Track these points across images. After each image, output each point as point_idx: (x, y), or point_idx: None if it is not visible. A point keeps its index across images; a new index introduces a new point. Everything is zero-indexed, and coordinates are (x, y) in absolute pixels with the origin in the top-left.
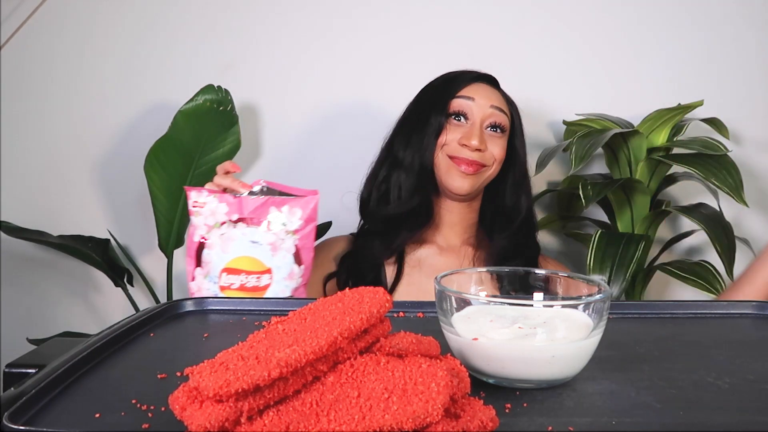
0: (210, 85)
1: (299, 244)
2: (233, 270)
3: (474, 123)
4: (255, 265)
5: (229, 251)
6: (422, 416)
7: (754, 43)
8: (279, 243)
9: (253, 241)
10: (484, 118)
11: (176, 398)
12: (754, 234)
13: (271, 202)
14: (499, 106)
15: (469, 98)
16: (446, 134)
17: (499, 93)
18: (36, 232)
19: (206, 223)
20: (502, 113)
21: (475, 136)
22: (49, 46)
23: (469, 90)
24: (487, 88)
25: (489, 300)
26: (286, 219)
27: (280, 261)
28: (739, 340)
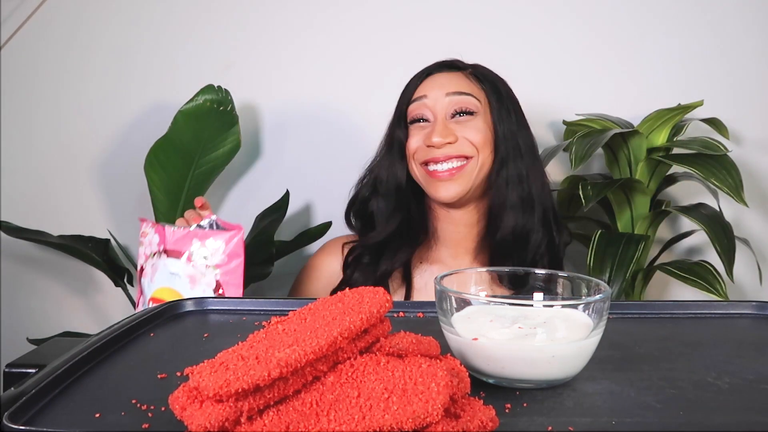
0: (210, 85)
1: (222, 279)
2: (157, 300)
3: (436, 119)
4: (175, 296)
5: (154, 281)
6: (422, 416)
7: (754, 43)
8: (198, 276)
9: (172, 272)
10: (444, 110)
11: (176, 398)
12: (754, 234)
13: (194, 234)
14: (459, 90)
15: (421, 98)
16: (409, 141)
17: (460, 74)
18: (36, 232)
19: (145, 253)
20: (464, 95)
21: (436, 132)
22: (49, 46)
23: (421, 89)
24: (443, 76)
25: (489, 300)
26: (208, 253)
27: (199, 294)
28: (739, 340)
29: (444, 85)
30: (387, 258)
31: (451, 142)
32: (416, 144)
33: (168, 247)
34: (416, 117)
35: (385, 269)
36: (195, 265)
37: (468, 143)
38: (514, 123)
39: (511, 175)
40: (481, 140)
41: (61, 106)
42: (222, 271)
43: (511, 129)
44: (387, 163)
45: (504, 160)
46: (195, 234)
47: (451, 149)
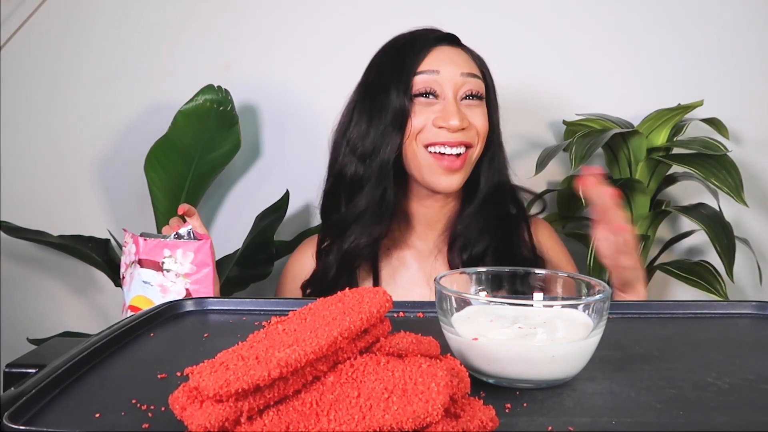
0: (210, 85)
1: (191, 288)
2: (134, 308)
3: (446, 98)
4: (148, 305)
5: (131, 289)
6: (422, 416)
7: (754, 43)
8: (169, 285)
9: (144, 281)
10: (457, 89)
11: (176, 398)
12: (754, 234)
13: (164, 245)
14: (471, 71)
15: (433, 72)
16: (414, 118)
17: (465, 53)
18: (36, 232)
19: (125, 262)
20: (476, 78)
21: (453, 114)
22: (49, 46)
23: (431, 60)
24: (452, 50)
25: (489, 300)
26: (178, 262)
27: None
28: (739, 340)
29: (457, 62)
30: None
31: (465, 128)
32: (423, 122)
33: (141, 257)
34: (425, 91)
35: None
36: (165, 275)
37: (474, 131)
38: (498, 112)
39: (497, 165)
40: (485, 129)
41: (61, 106)
42: (191, 280)
43: (498, 117)
44: (376, 134)
45: (495, 149)
46: (166, 244)
47: (462, 135)
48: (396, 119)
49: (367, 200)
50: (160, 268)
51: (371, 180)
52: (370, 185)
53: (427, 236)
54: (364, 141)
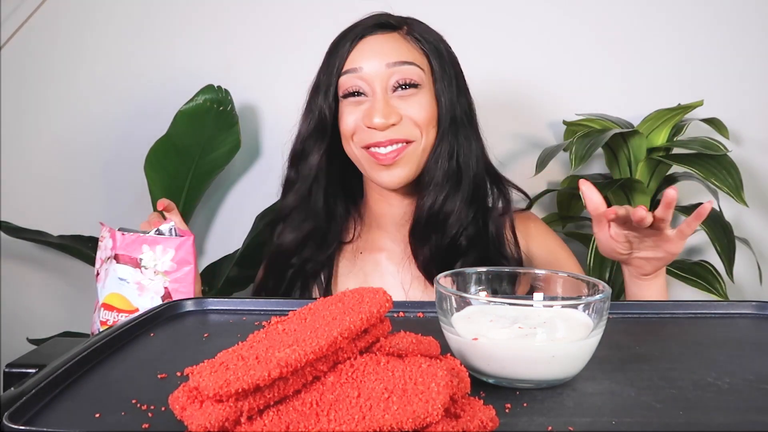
0: (210, 85)
1: (171, 287)
2: (108, 306)
3: (374, 94)
4: (124, 303)
5: (106, 286)
6: (422, 416)
7: (754, 43)
8: (147, 283)
9: (120, 278)
10: (384, 83)
11: (176, 398)
12: (754, 234)
13: (143, 240)
14: (400, 59)
15: (354, 70)
16: (343, 120)
17: (397, 36)
18: (36, 232)
19: (101, 257)
20: (406, 65)
21: (377, 111)
22: (49, 46)
23: (354, 56)
24: (378, 39)
25: (489, 300)
26: (158, 259)
27: (147, 302)
28: (739, 340)
29: (382, 52)
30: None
31: (395, 123)
32: (353, 124)
33: (118, 252)
34: (350, 91)
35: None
36: (143, 272)
37: (412, 124)
38: (455, 91)
39: (443, 151)
40: (425, 118)
41: (61, 106)
42: (171, 278)
43: (452, 99)
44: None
45: (442, 135)
46: (145, 240)
47: (393, 132)
48: (320, 124)
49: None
50: (138, 264)
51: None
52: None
53: (397, 237)
54: (296, 144)
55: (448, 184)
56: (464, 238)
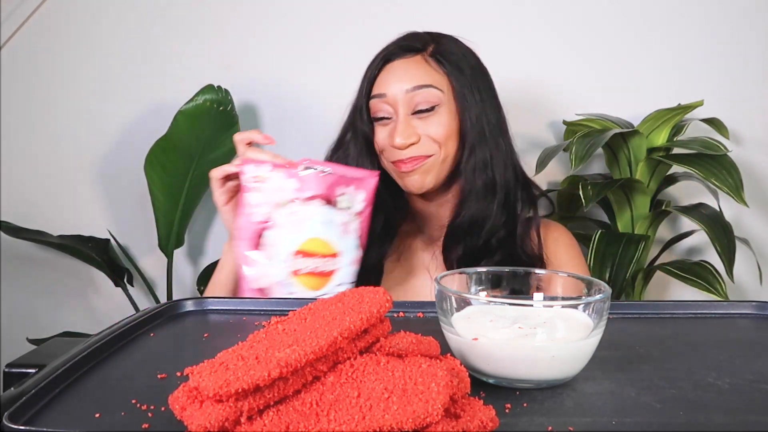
0: (210, 85)
1: (361, 227)
2: (307, 253)
3: (397, 116)
4: (324, 248)
5: (302, 231)
6: (422, 416)
7: (754, 43)
8: (348, 225)
9: (324, 221)
10: (405, 107)
11: (176, 398)
12: (754, 234)
13: (342, 180)
14: (419, 84)
15: (380, 96)
16: (376, 141)
17: (420, 59)
18: (36, 232)
19: (269, 201)
20: (424, 89)
21: (399, 133)
22: (49, 46)
23: (379, 83)
24: (401, 65)
25: (489, 300)
26: (352, 200)
27: (348, 244)
28: (739, 340)
29: (403, 78)
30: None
31: (414, 143)
32: (383, 143)
33: (317, 192)
34: (377, 116)
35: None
36: (344, 212)
37: (430, 141)
38: (480, 104)
39: (478, 161)
40: (443, 135)
41: (61, 106)
42: (361, 219)
43: (477, 113)
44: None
45: (472, 147)
46: (340, 179)
47: (413, 150)
48: (364, 143)
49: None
50: (336, 204)
51: None
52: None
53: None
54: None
55: (485, 193)
56: (495, 239)
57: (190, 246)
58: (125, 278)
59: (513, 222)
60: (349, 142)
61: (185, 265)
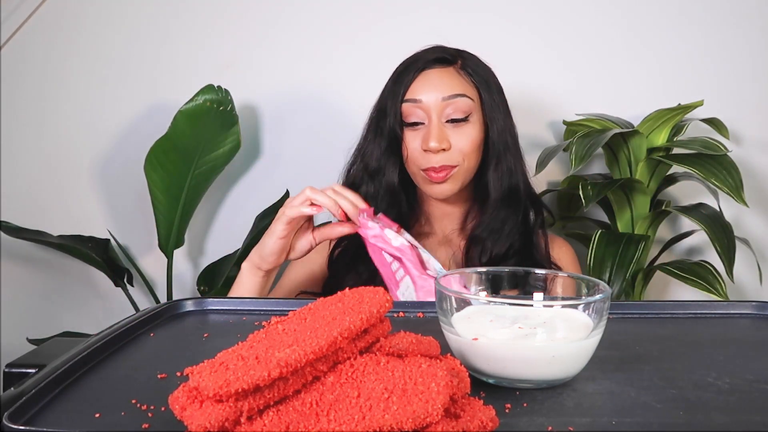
0: (210, 85)
1: None
2: None
3: (430, 122)
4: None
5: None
6: (422, 416)
7: (754, 43)
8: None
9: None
10: (439, 114)
11: (176, 398)
12: (754, 234)
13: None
14: (453, 93)
15: (414, 101)
16: (406, 145)
17: (452, 70)
18: (36, 232)
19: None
20: (458, 98)
21: (433, 137)
22: (49, 46)
23: (414, 88)
24: (436, 74)
25: (489, 300)
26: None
27: None
28: (739, 340)
29: (438, 86)
30: None
31: (446, 149)
32: (414, 149)
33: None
34: (410, 121)
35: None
36: None
37: (458, 152)
38: (503, 117)
39: (504, 170)
40: (470, 148)
41: (61, 106)
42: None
43: (502, 126)
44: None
45: (498, 156)
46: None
47: (444, 158)
48: (392, 144)
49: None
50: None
51: (384, 200)
52: (384, 205)
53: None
54: (371, 160)
55: (509, 200)
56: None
57: (190, 246)
58: (125, 278)
59: (528, 231)
60: (373, 144)
61: (185, 265)
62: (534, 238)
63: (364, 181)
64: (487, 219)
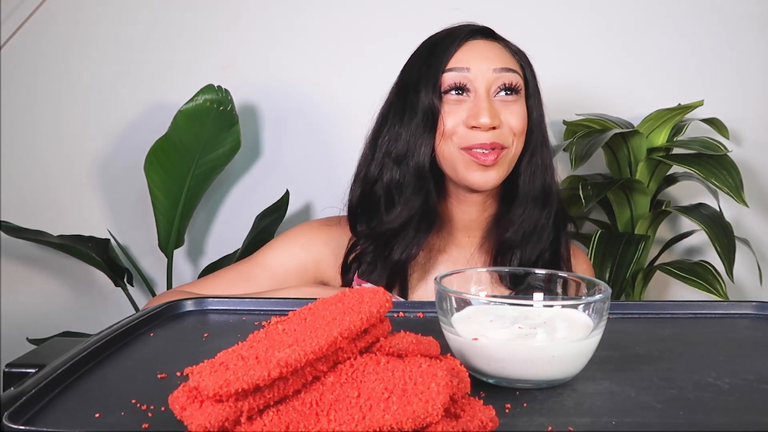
0: (210, 85)
1: None
2: None
3: (478, 95)
4: None
5: None
6: (422, 416)
7: (754, 43)
8: None
9: None
10: (489, 85)
11: (176, 398)
12: (754, 234)
13: None
14: (506, 66)
15: (462, 69)
16: (446, 118)
17: (501, 46)
18: (36, 232)
19: None
20: (510, 72)
21: (484, 111)
22: (49, 46)
23: (460, 56)
24: (485, 44)
25: (489, 300)
26: None
27: None
28: (739, 340)
29: (489, 57)
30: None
31: (496, 126)
32: (455, 123)
33: None
34: (454, 86)
35: (398, 259)
36: None
37: (509, 130)
38: (540, 106)
39: (538, 164)
40: (521, 127)
41: (61, 106)
42: None
43: (539, 113)
44: (408, 135)
45: (535, 147)
46: None
47: (495, 136)
48: (427, 118)
49: (410, 209)
50: None
51: (410, 186)
52: (410, 191)
53: (463, 242)
54: (397, 143)
55: (545, 199)
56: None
57: (190, 246)
58: (125, 278)
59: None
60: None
61: (185, 265)
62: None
63: (387, 168)
64: (518, 219)
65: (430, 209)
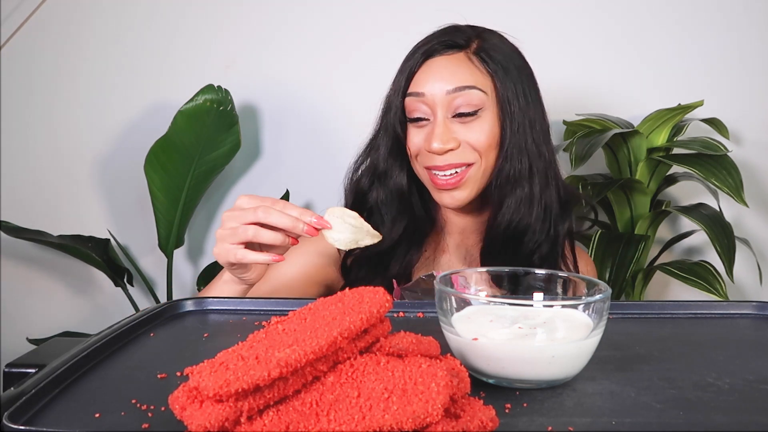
0: (210, 85)
1: None
2: None
3: (435, 119)
4: None
5: None
6: (422, 416)
7: (754, 43)
8: None
9: None
10: (445, 108)
11: (176, 398)
12: (754, 234)
13: None
14: (461, 84)
15: (417, 95)
16: (410, 143)
17: (463, 57)
18: (36, 232)
19: None
20: (467, 90)
21: (435, 136)
22: (49, 46)
23: (417, 80)
24: (444, 60)
25: (489, 300)
26: None
27: None
28: (739, 340)
29: (444, 77)
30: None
31: (453, 148)
32: (417, 146)
33: None
34: (413, 117)
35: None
36: None
37: (470, 149)
38: (524, 109)
39: (513, 173)
40: (485, 143)
41: (61, 106)
42: None
43: (520, 119)
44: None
45: (510, 155)
46: None
47: (452, 156)
48: (396, 143)
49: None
50: None
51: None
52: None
53: (463, 243)
54: (379, 159)
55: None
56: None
57: (190, 246)
58: (125, 278)
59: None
60: (381, 140)
61: (185, 265)
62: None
63: (373, 186)
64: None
65: (419, 223)
